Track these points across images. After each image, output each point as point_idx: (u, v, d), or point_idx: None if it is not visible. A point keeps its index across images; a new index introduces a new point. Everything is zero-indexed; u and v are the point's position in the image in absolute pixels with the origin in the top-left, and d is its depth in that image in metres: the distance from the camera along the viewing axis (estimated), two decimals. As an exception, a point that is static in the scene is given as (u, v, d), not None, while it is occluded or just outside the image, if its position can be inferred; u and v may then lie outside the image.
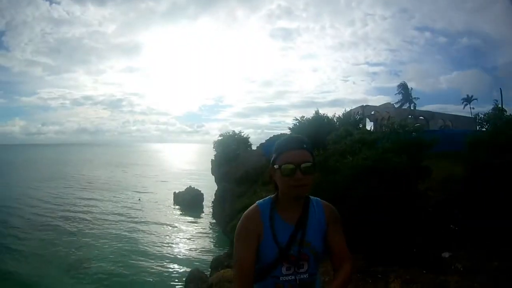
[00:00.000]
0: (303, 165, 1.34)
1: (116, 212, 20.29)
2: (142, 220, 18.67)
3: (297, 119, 15.16)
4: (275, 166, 1.39)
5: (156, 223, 18.25)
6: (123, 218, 18.94)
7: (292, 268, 1.40)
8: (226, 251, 11.68)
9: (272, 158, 1.42)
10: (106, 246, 14.31)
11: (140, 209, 21.41)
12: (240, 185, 16.46)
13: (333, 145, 7.37)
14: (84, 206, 22.16)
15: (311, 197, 1.50)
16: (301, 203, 1.45)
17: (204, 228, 17.88)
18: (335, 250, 1.40)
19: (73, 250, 13.89)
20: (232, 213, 13.60)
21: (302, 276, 1.41)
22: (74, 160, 71.88)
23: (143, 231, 16.47)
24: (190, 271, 10.13)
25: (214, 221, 18.38)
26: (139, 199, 24.83)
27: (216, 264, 9.90)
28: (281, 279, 1.41)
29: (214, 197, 20.25)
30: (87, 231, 16.38)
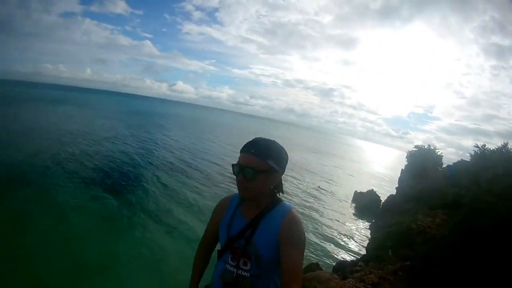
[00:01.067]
0: (245, 169, 1.42)
1: (293, 191, 21.59)
2: (311, 205, 19.51)
3: (478, 147, 13.03)
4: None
5: (321, 211, 18.75)
6: (296, 198, 20.07)
7: (235, 260, 1.50)
8: (355, 258, 11.14)
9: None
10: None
11: (315, 196, 22.35)
12: (408, 202, 14.77)
13: (486, 184, 6.30)
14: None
15: (285, 203, 1.55)
16: (264, 202, 1.52)
17: (359, 232, 17.15)
18: (283, 269, 1.36)
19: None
20: (382, 227, 12.57)
21: (242, 273, 1.49)
22: (276, 136, 78.94)
23: (305, 214, 17.14)
24: (312, 263, 9.94)
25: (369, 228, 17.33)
26: (319, 186, 25.65)
27: (338, 267, 9.28)
28: (226, 265, 1.54)
29: (380, 206, 19.36)
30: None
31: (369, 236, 15.13)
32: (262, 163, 1.42)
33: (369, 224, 17.84)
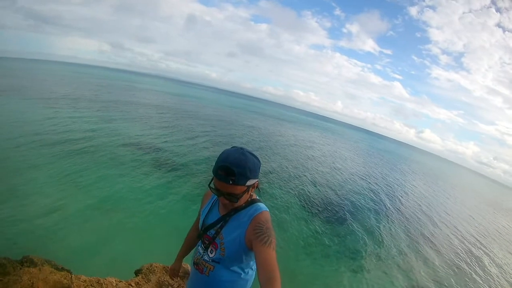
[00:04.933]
0: (226, 196, 1.47)
1: (491, 274, 15.07)
2: None
3: None
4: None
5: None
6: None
7: (205, 245, 1.64)
8: None
9: (212, 168, 1.50)
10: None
11: None
12: None
13: None
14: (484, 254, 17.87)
15: (259, 204, 1.58)
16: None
17: None
18: (258, 268, 1.34)
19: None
20: None
21: (206, 258, 1.62)
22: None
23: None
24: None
25: None
26: None
27: None
28: (198, 247, 1.72)
29: None
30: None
31: None
32: (243, 187, 1.47)
33: None
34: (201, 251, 1.66)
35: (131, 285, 3.25)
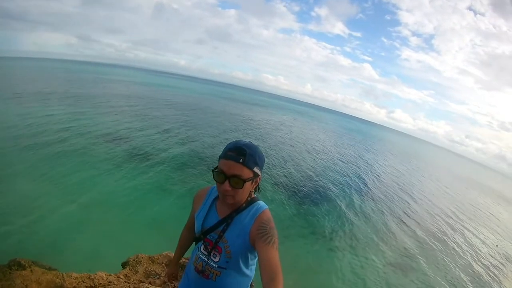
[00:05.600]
0: (232, 179, 1.41)
1: (468, 247, 16.14)
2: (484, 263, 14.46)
3: None
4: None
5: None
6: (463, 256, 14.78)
7: (207, 251, 1.58)
8: None
9: (219, 155, 1.47)
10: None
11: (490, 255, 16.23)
12: None
13: None
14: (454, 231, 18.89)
15: (259, 202, 1.58)
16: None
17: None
18: (261, 268, 1.34)
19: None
20: None
21: (211, 264, 1.57)
22: (483, 184, 62.79)
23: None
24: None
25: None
26: (497, 245, 19.55)
27: None
28: (198, 252, 1.64)
29: None
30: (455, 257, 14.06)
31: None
32: (249, 171, 1.44)
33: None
34: (204, 258, 1.61)
35: (120, 278, 3.42)
